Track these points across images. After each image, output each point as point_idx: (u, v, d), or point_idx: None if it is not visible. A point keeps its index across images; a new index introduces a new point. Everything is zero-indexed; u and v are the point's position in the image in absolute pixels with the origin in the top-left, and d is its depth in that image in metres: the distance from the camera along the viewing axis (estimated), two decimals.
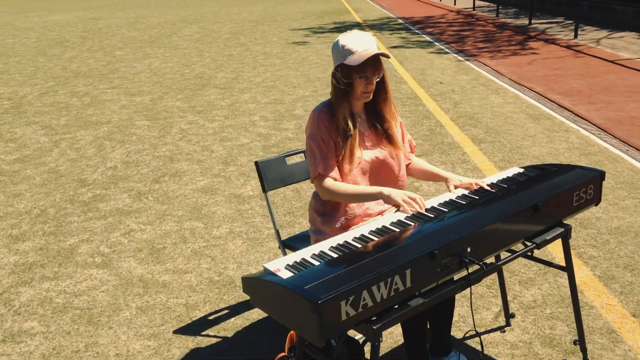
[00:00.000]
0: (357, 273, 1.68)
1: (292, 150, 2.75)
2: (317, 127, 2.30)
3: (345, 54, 2.23)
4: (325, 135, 2.29)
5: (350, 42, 2.23)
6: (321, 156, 2.29)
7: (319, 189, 2.33)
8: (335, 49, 2.28)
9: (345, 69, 2.23)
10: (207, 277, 3.35)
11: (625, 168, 4.68)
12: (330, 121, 2.29)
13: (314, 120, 2.32)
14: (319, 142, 2.29)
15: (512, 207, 2.04)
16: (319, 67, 10.07)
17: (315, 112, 2.33)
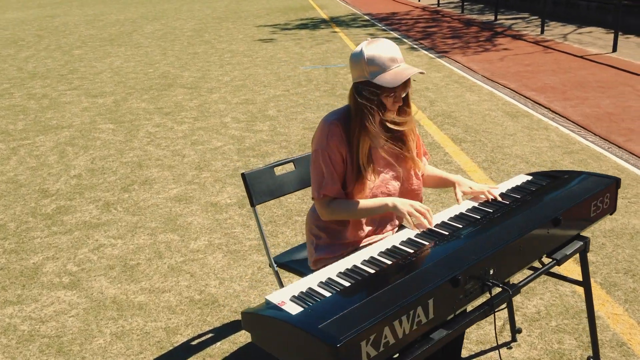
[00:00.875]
0: (376, 306, 1.48)
1: (280, 160, 2.54)
2: (327, 143, 2.06)
3: (374, 72, 1.96)
4: (335, 153, 2.06)
5: (378, 55, 1.96)
6: (328, 176, 2.08)
7: (321, 209, 2.12)
8: (358, 62, 1.99)
9: (373, 88, 1.99)
10: (187, 296, 3.10)
11: (610, 166, 4.61)
12: (341, 137, 2.06)
13: (323, 132, 2.08)
14: (326, 160, 2.06)
15: (532, 222, 1.87)
16: (289, 65, 9.83)
17: (326, 123, 2.08)
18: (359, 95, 2.01)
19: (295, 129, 6.10)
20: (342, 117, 2.08)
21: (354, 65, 2.02)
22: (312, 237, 2.27)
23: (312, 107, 6.98)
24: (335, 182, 2.08)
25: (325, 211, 2.10)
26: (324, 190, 2.07)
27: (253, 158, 5.23)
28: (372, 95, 1.99)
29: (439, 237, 1.85)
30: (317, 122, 6.30)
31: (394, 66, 1.97)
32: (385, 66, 1.96)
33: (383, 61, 1.96)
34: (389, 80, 1.94)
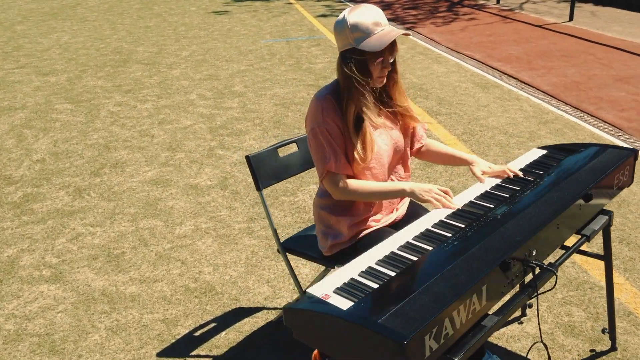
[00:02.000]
0: (433, 297, 1.40)
1: (283, 140, 2.42)
2: (322, 118, 1.97)
3: (358, 37, 1.89)
4: (333, 128, 1.97)
5: (362, 21, 1.89)
6: (331, 152, 1.98)
7: (331, 188, 2.03)
8: (342, 30, 1.92)
9: (359, 55, 1.90)
10: (182, 285, 2.96)
11: (587, 135, 4.68)
12: (336, 110, 1.98)
13: (317, 109, 1.98)
14: (326, 135, 1.98)
15: (566, 199, 1.83)
16: (248, 39, 9.56)
17: (319, 99, 1.99)
18: (345, 65, 1.94)
19: (266, 105, 5.93)
20: (333, 91, 2.01)
21: (338, 34, 1.94)
22: (322, 224, 2.17)
23: (280, 82, 6.80)
24: (339, 157, 1.99)
25: (336, 189, 2.02)
26: (329, 166, 1.98)
27: (227, 137, 5.06)
28: (359, 63, 1.91)
29: (473, 218, 1.79)
30: (287, 97, 6.15)
31: (378, 30, 1.90)
32: (369, 31, 1.89)
33: (367, 26, 1.88)
34: (374, 44, 1.87)
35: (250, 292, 2.88)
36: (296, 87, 6.52)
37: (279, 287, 2.91)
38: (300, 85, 6.61)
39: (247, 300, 2.81)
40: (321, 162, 2.01)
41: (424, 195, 1.91)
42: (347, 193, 2.01)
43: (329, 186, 2.03)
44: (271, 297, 2.83)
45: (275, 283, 2.94)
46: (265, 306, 2.77)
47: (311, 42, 9.08)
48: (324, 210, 2.16)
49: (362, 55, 1.90)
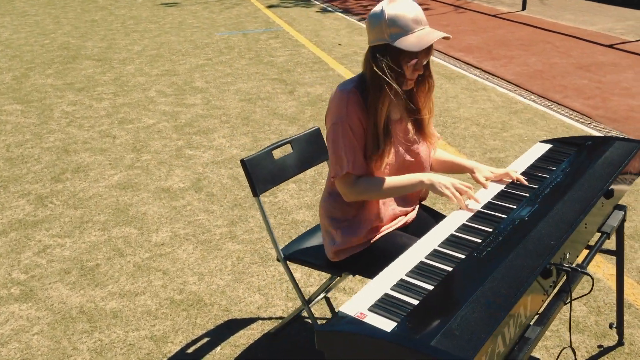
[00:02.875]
0: (483, 313, 1.31)
1: (278, 141, 2.28)
2: (347, 113, 1.84)
3: (395, 33, 1.75)
4: (355, 124, 1.85)
5: (402, 15, 1.74)
6: (350, 151, 1.86)
7: (345, 189, 1.91)
8: (378, 22, 1.77)
9: (394, 53, 1.77)
10: (167, 297, 2.79)
11: (558, 124, 4.72)
12: (361, 105, 1.85)
13: (342, 102, 1.84)
14: (347, 132, 1.84)
15: (589, 196, 1.77)
16: (202, 32, 9.28)
17: (344, 92, 1.85)
18: (375, 61, 1.80)
19: (231, 101, 5.73)
20: (358, 84, 1.87)
21: (372, 26, 1.79)
22: (330, 226, 2.05)
23: (243, 76, 6.60)
24: (358, 157, 1.87)
25: (351, 191, 1.90)
26: (349, 167, 1.86)
27: (195, 135, 4.85)
28: (391, 61, 1.78)
29: (497, 221, 1.71)
30: (252, 92, 5.97)
31: (418, 29, 1.77)
32: (408, 28, 1.75)
33: (406, 22, 1.75)
34: (412, 44, 1.74)
35: (242, 301, 2.73)
36: (260, 82, 6.34)
37: (271, 294, 2.77)
38: (264, 79, 6.43)
39: (239, 311, 2.67)
40: (340, 161, 1.88)
41: (443, 189, 1.82)
42: (361, 193, 1.90)
43: (342, 187, 1.91)
44: (264, 306, 2.69)
45: (266, 290, 2.80)
46: (259, 316, 2.63)
47: (269, 35, 8.89)
48: (332, 220, 2.04)
49: (396, 53, 1.77)
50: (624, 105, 5.05)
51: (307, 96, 5.75)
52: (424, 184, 1.87)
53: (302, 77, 6.43)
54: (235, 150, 4.50)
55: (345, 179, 1.89)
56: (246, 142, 4.64)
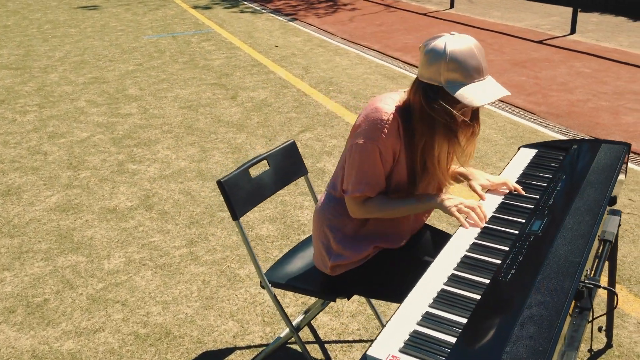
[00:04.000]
0: (530, 346, 1.20)
1: (253, 158, 2.11)
2: (382, 138, 1.70)
3: (453, 80, 1.60)
4: (388, 151, 1.73)
5: (464, 61, 1.59)
6: (373, 175, 1.74)
7: (354, 207, 1.80)
8: (437, 60, 1.61)
9: (449, 99, 1.64)
10: (130, 332, 2.54)
11: (505, 122, 4.77)
12: (398, 133, 1.72)
13: (379, 123, 1.69)
14: (376, 156, 1.72)
15: (595, 205, 1.72)
16: (128, 35, 8.84)
17: (386, 112, 1.70)
18: (427, 100, 1.66)
19: (170, 109, 5.44)
20: (400, 109, 1.72)
21: (430, 62, 1.63)
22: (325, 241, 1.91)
23: (179, 82, 6.30)
24: (380, 182, 1.77)
25: (359, 209, 1.79)
26: (367, 189, 1.75)
27: (136, 148, 4.54)
28: (442, 106, 1.65)
29: (509, 237, 1.62)
30: (192, 99, 5.70)
31: (478, 79, 1.63)
32: (468, 77, 1.61)
33: (468, 70, 1.60)
34: (472, 98, 1.59)
35: (215, 330, 2.53)
36: (199, 87, 6.07)
37: (245, 320, 2.58)
38: (202, 84, 6.17)
39: (214, 341, 2.46)
40: (358, 180, 1.75)
41: (452, 210, 1.72)
42: (370, 212, 1.80)
43: (353, 205, 1.80)
44: (240, 334, 2.50)
45: (240, 316, 2.61)
46: (236, 345, 2.44)
47: (200, 37, 8.58)
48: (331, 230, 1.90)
49: (451, 100, 1.64)
50: (564, 101, 5.19)
51: (251, 101, 5.55)
52: (435, 204, 1.76)
53: (242, 81, 6.21)
54: (183, 162, 4.25)
55: (358, 198, 1.78)
56: (194, 153, 4.39)
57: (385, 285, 1.86)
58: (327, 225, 1.91)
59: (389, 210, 1.77)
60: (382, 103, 1.72)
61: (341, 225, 1.89)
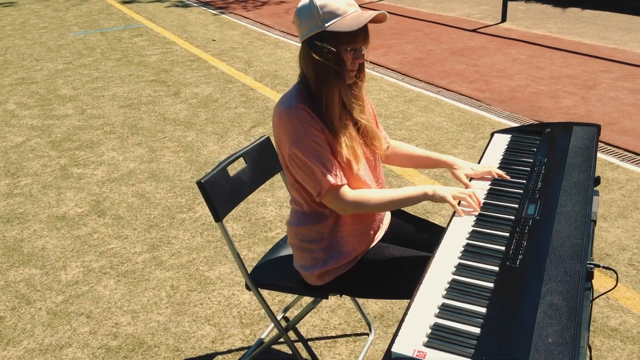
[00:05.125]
0: (555, 333, 1.21)
1: (230, 156, 2.04)
2: (304, 130, 1.66)
3: (327, 18, 1.62)
4: (317, 136, 1.68)
5: (331, 0, 1.63)
6: (326, 163, 1.68)
7: (336, 203, 1.71)
8: (308, 12, 1.64)
9: (331, 38, 1.63)
10: (100, 345, 2.39)
11: (453, 110, 4.86)
12: (313, 117, 1.68)
13: (293, 121, 1.66)
14: (314, 147, 1.67)
15: (582, 186, 1.76)
16: (53, 32, 8.38)
17: (290, 109, 1.67)
18: (314, 49, 1.65)
19: (110, 108, 5.19)
20: (300, 97, 1.70)
21: (304, 17, 1.66)
22: (308, 250, 1.84)
23: (115, 79, 6.03)
24: (336, 166, 1.70)
25: (343, 203, 1.71)
26: (333, 179, 1.68)
27: (78, 151, 4.30)
28: (330, 51, 1.64)
29: (508, 224, 1.62)
30: (132, 97, 5.46)
31: (351, 11, 1.65)
32: (341, 11, 1.63)
33: (338, 6, 1.63)
34: (348, 24, 1.61)
35: (191, 337, 2.43)
36: (137, 85, 5.82)
37: (222, 323, 2.49)
38: (140, 81, 5.92)
39: (192, 348, 2.36)
40: (317, 179, 1.68)
41: (447, 197, 1.71)
42: (358, 205, 1.72)
43: (335, 201, 1.71)
44: (219, 338, 2.41)
45: (216, 320, 2.51)
46: (216, 351, 2.35)
47: (131, 32, 8.25)
48: (310, 243, 1.83)
49: (334, 39, 1.62)
50: (505, 87, 5.35)
51: (196, 97, 5.38)
52: (427, 195, 1.73)
53: (183, 77, 6.01)
54: (132, 163, 4.06)
55: (334, 192, 1.70)
56: (142, 154, 4.20)
57: (381, 284, 1.82)
58: (302, 239, 1.84)
59: (375, 202, 1.72)
60: (283, 104, 1.70)
61: (316, 235, 1.82)
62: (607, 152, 3.97)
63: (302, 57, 1.71)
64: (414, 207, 3.35)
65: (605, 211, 3.22)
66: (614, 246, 2.89)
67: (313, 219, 1.81)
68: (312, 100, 1.71)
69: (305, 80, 1.73)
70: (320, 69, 1.66)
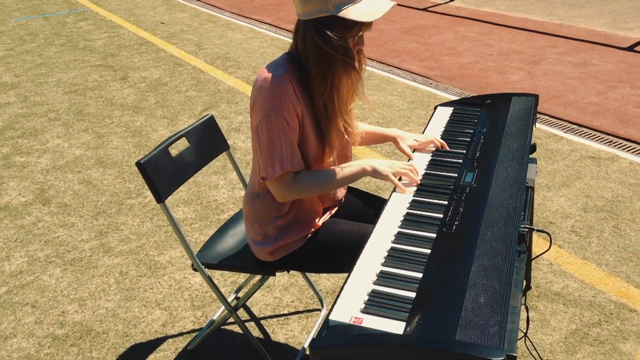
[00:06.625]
0: (487, 294, 1.23)
1: (172, 136, 2.01)
2: (282, 105, 1.58)
3: (340, 4, 1.52)
4: (292, 117, 1.61)
5: None
6: (288, 148, 1.63)
7: (281, 189, 1.68)
8: None
9: (340, 24, 1.55)
10: (46, 335, 2.34)
11: (404, 88, 4.89)
12: (296, 94, 1.61)
13: (275, 91, 1.58)
14: (283, 126, 1.60)
15: (519, 154, 1.79)
16: None
17: (278, 77, 1.59)
18: (320, 37, 1.56)
19: (54, 94, 5.03)
20: (289, 69, 1.63)
21: None
22: (262, 227, 1.83)
23: (59, 65, 5.84)
24: (295, 153, 1.66)
25: (290, 190, 1.68)
26: (288, 165, 1.63)
27: (21, 139, 4.16)
28: (338, 36, 1.56)
29: (446, 192, 1.65)
30: (77, 83, 5.30)
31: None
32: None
33: None
34: (365, 13, 1.53)
35: (141, 321, 2.39)
36: (82, 70, 5.66)
37: (173, 307, 2.47)
38: (86, 66, 5.75)
39: (142, 333, 2.33)
40: (273, 160, 1.63)
41: (387, 172, 1.71)
42: (300, 191, 1.69)
43: (278, 188, 1.67)
44: (170, 322, 2.38)
45: (167, 303, 2.49)
46: (167, 334, 2.32)
47: (76, 17, 7.99)
48: (263, 221, 1.81)
49: (342, 27, 1.55)
50: (455, 64, 5.41)
51: (145, 81, 5.26)
52: (367, 172, 1.72)
53: (131, 61, 5.87)
54: (77, 150, 3.95)
55: (281, 178, 1.66)
56: (89, 140, 4.10)
57: (330, 258, 1.82)
58: (256, 217, 1.81)
59: (320, 184, 1.70)
60: (270, 69, 1.62)
61: (274, 213, 1.79)
62: (551, 125, 4.07)
63: (302, 37, 1.60)
64: (367, 184, 3.37)
65: (550, 181, 3.31)
66: (557, 214, 2.98)
67: (269, 200, 1.78)
68: (301, 79, 1.63)
69: (297, 57, 1.64)
70: (326, 58, 1.58)
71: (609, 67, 5.16)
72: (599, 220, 2.92)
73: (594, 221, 2.92)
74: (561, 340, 2.19)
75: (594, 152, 3.64)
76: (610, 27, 6.52)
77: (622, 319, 2.29)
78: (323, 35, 1.55)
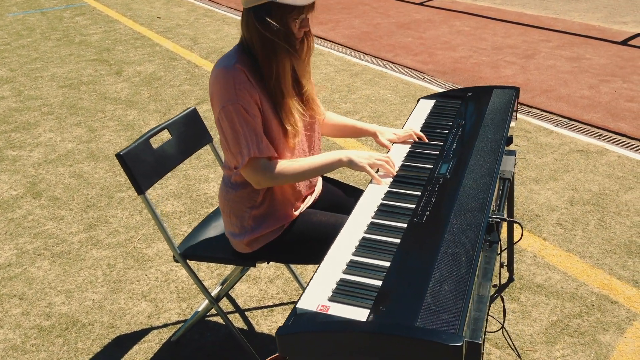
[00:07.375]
0: (452, 282, 1.25)
1: (153, 128, 2.02)
2: (236, 93, 1.64)
3: None
4: (249, 103, 1.65)
5: None
6: (251, 133, 1.67)
7: (254, 176, 1.71)
8: None
9: (280, 11, 1.61)
10: (32, 326, 2.36)
11: (397, 82, 4.90)
12: (250, 82, 1.66)
13: (227, 83, 1.64)
14: (242, 114, 1.64)
15: (495, 146, 1.81)
16: None
17: (228, 69, 1.64)
18: (261, 23, 1.62)
19: (48, 89, 5.05)
20: (240, 59, 1.68)
21: None
22: (238, 218, 1.85)
23: (55, 60, 5.86)
24: (261, 138, 1.69)
25: (264, 177, 1.71)
26: (253, 150, 1.67)
27: (14, 133, 4.18)
28: (279, 21, 1.62)
29: (420, 183, 1.66)
30: (72, 77, 5.32)
31: None
32: None
33: None
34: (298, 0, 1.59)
35: (127, 313, 2.42)
36: (78, 64, 5.67)
37: (159, 299, 2.49)
38: (81, 61, 5.77)
39: (127, 324, 2.36)
40: (240, 147, 1.67)
41: (363, 163, 1.73)
42: (274, 178, 1.72)
43: (251, 175, 1.71)
44: (155, 314, 2.41)
45: (153, 295, 2.51)
46: (152, 325, 2.35)
47: (73, 11, 8.00)
48: (239, 212, 1.83)
49: (282, 11, 1.60)
50: (448, 58, 5.41)
51: (139, 76, 5.28)
52: (342, 162, 1.75)
53: (126, 56, 5.88)
54: (69, 144, 3.97)
55: (252, 164, 1.69)
56: (81, 134, 4.12)
57: (308, 250, 1.84)
58: (231, 209, 1.84)
59: (296, 173, 1.72)
60: (221, 63, 1.68)
61: (248, 203, 1.81)
62: (542, 118, 4.07)
63: (246, 26, 1.66)
64: (345, 175, 3.38)
65: (538, 174, 3.32)
66: (543, 207, 2.99)
67: (245, 184, 1.81)
68: (253, 66, 1.68)
69: (247, 45, 1.69)
70: (268, 43, 1.63)
71: (602, 61, 5.16)
72: (585, 213, 2.93)
73: (579, 214, 2.93)
74: (541, 332, 2.21)
75: (583, 145, 3.65)
76: (605, 21, 6.51)
77: (603, 310, 2.31)
78: (263, 22, 1.61)
